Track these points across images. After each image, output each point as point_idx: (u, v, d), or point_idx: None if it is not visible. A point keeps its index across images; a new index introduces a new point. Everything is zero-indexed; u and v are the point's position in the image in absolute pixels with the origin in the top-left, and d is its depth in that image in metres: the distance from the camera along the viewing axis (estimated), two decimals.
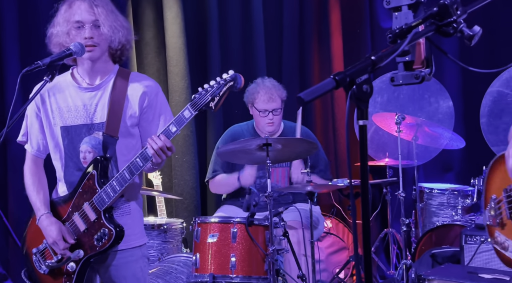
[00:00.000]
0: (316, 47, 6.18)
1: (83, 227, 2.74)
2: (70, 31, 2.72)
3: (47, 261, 2.81)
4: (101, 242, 2.70)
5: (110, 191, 2.67)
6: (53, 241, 2.73)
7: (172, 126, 2.59)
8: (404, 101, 5.67)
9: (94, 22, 2.71)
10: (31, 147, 2.91)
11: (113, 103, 2.77)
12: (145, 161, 2.62)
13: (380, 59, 1.52)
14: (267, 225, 3.74)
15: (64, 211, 2.81)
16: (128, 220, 2.81)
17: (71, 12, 2.72)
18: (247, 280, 3.69)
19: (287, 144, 3.87)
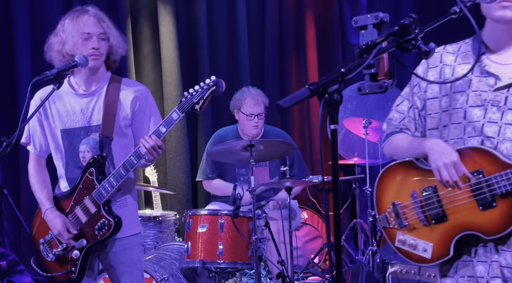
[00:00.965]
0: (294, 60, 6.20)
1: (84, 219, 2.73)
2: (77, 41, 2.68)
3: (54, 250, 2.80)
4: (102, 231, 2.70)
5: (108, 186, 2.66)
6: (58, 232, 2.72)
7: (162, 127, 2.59)
8: (370, 108, 5.71)
9: (101, 35, 2.71)
10: (34, 147, 2.89)
11: (107, 107, 2.76)
12: (138, 158, 2.61)
13: (349, 71, 1.53)
14: (251, 217, 3.74)
15: (66, 205, 2.79)
16: (125, 211, 2.80)
17: (79, 25, 2.69)
18: (233, 265, 3.71)
19: (268, 145, 3.88)
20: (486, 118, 1.95)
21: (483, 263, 1.97)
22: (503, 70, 1.96)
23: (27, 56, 4.94)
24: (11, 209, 4.54)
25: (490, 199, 1.90)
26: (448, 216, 1.99)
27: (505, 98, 1.94)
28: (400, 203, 2.11)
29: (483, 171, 1.91)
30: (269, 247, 4.31)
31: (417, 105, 2.14)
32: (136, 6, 5.60)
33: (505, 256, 1.94)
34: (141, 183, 4.86)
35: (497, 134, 1.94)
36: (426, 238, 2.05)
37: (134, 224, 2.89)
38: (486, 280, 1.96)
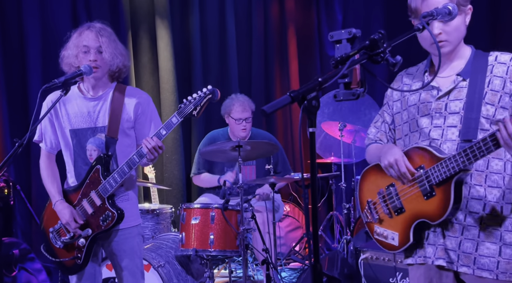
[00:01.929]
0: (277, 69, 6.22)
1: (90, 210, 2.73)
2: (78, 54, 2.71)
3: (62, 238, 2.79)
4: (106, 222, 2.70)
5: (112, 182, 2.66)
6: (66, 222, 2.72)
7: (162, 130, 2.60)
8: (345, 113, 5.73)
9: (98, 48, 2.71)
10: (45, 145, 2.89)
11: (113, 111, 2.77)
12: (140, 157, 2.62)
13: (325, 80, 1.54)
14: (239, 210, 3.74)
15: (74, 197, 2.79)
16: (127, 205, 2.80)
17: (80, 39, 2.72)
18: (223, 253, 3.69)
19: (254, 146, 3.88)
20: (433, 125, 2.04)
21: (432, 245, 2.04)
22: (442, 82, 2.06)
23: (37, 66, 4.92)
24: (23, 203, 4.52)
25: (429, 189, 1.97)
26: (404, 207, 2.07)
27: (445, 105, 2.02)
28: (371, 200, 2.21)
29: (424, 166, 1.99)
30: (255, 236, 4.31)
31: (387, 120, 2.26)
32: (136, 21, 5.59)
33: (450, 241, 1.99)
34: (141, 179, 4.85)
35: (441, 136, 2.02)
36: (393, 228, 2.12)
37: (135, 217, 2.89)
38: (432, 260, 2.02)
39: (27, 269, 4.14)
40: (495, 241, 1.94)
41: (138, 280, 2.87)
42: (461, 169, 1.87)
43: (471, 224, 1.97)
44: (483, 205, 1.96)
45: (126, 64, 2.86)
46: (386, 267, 3.54)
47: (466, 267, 1.96)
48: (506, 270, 1.92)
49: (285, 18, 6.19)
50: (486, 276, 1.93)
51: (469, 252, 1.96)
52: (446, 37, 1.96)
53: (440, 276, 2.04)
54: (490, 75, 1.97)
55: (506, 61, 1.98)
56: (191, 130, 5.73)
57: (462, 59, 2.05)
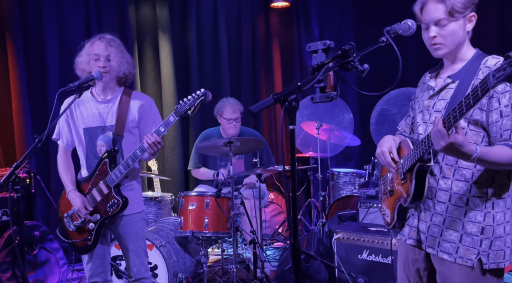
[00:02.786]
0: (264, 77, 6.21)
1: (99, 198, 2.72)
2: (90, 61, 2.71)
3: (75, 222, 2.78)
4: (112, 208, 2.69)
5: (118, 173, 2.65)
6: (78, 208, 2.72)
7: (161, 127, 2.59)
8: (321, 114, 5.73)
9: (107, 57, 2.71)
10: (62, 142, 2.88)
11: (120, 112, 2.76)
12: (142, 151, 2.61)
13: (304, 84, 1.53)
14: (230, 197, 3.74)
15: (86, 187, 2.78)
16: (132, 194, 2.79)
17: (92, 48, 2.72)
18: (216, 234, 3.70)
19: (243, 142, 3.88)
20: (423, 120, 2.02)
21: (409, 226, 2.05)
22: (437, 82, 2.02)
23: (55, 71, 4.89)
24: (43, 191, 4.49)
25: (402, 175, 1.97)
26: (393, 190, 2.08)
27: (433, 104, 1.99)
28: (381, 181, 2.26)
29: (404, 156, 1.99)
30: (244, 220, 4.32)
31: (411, 115, 2.23)
32: (141, 34, 5.57)
33: (422, 224, 2.00)
34: (145, 171, 4.82)
35: (424, 131, 2.00)
36: (388, 207, 2.15)
37: (139, 204, 2.87)
38: (405, 239, 2.04)
39: (46, 248, 4.12)
40: (458, 229, 1.89)
41: (142, 258, 2.86)
42: (419, 158, 1.83)
43: (438, 212, 1.93)
44: (449, 196, 1.90)
45: (131, 71, 2.85)
46: (355, 245, 3.55)
47: (431, 249, 1.95)
48: (464, 255, 1.87)
49: (270, 33, 6.19)
50: (446, 258, 1.90)
51: (435, 236, 1.94)
52: (441, 40, 1.89)
53: (414, 253, 2.05)
54: (475, 79, 1.84)
55: (491, 65, 1.85)
56: (189, 129, 5.71)
57: (462, 62, 1.94)
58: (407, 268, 2.05)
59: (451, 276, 1.89)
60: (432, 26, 1.88)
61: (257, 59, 6.12)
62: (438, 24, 1.87)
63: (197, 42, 5.71)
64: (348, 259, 3.56)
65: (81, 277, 4.35)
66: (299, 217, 5.50)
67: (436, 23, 1.87)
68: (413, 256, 2.04)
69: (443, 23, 1.86)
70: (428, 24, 1.89)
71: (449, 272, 1.90)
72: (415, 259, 2.03)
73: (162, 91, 5.56)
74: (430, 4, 1.87)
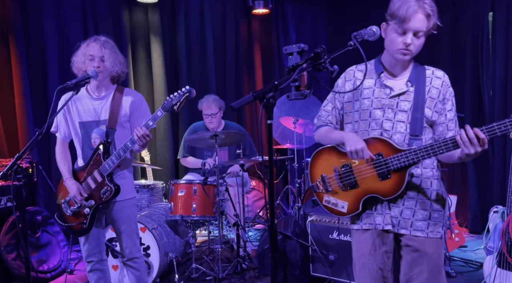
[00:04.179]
0: (246, 76, 6.18)
1: (93, 185, 2.69)
2: (85, 61, 2.68)
3: (71, 207, 2.75)
4: (105, 195, 2.66)
5: (111, 163, 2.62)
6: (74, 195, 2.69)
7: (150, 121, 2.55)
8: (297, 110, 5.74)
9: (101, 57, 2.67)
10: (60, 134, 2.84)
11: (113, 108, 2.72)
12: (132, 143, 2.57)
13: (280, 83, 1.53)
14: (215, 184, 3.73)
15: (81, 175, 2.74)
16: (124, 182, 2.76)
17: (87, 49, 2.68)
18: (203, 218, 3.69)
19: (227, 135, 3.86)
20: (385, 117, 1.99)
21: (380, 215, 2.03)
22: (395, 84, 2.02)
23: (55, 70, 4.83)
24: (44, 179, 4.45)
25: (386, 173, 1.94)
26: (358, 184, 2.02)
27: (396, 103, 1.98)
28: (326, 175, 2.12)
29: (382, 154, 1.95)
30: (228, 205, 4.32)
31: (338, 106, 2.16)
32: (135, 37, 5.51)
33: (394, 210, 2.01)
34: (138, 161, 4.79)
35: (392, 128, 1.98)
36: (344, 199, 2.08)
37: (130, 191, 2.84)
38: (382, 226, 2.02)
39: (48, 231, 4.09)
40: (427, 208, 1.99)
41: (134, 240, 2.85)
42: (419, 160, 1.86)
43: (410, 197, 1.98)
44: (420, 181, 1.99)
45: (124, 70, 2.81)
46: (327, 226, 3.57)
47: (405, 229, 1.99)
48: (434, 229, 1.99)
49: (252, 36, 6.16)
50: (420, 235, 1.98)
51: (408, 218, 1.98)
52: (412, 48, 1.90)
53: (382, 237, 2.04)
54: (429, 86, 1.96)
55: (440, 76, 1.99)
56: (178, 123, 5.68)
57: (409, 68, 2.01)
58: (375, 252, 2.04)
59: (424, 249, 1.97)
60: (411, 34, 1.87)
61: (240, 60, 6.09)
62: (416, 35, 1.87)
63: (186, 44, 5.66)
64: (320, 238, 3.59)
65: (80, 257, 4.32)
66: (277, 202, 5.52)
67: (415, 34, 1.87)
68: (380, 240, 2.03)
69: (420, 35, 1.88)
70: (407, 31, 1.86)
71: (422, 246, 1.97)
72: (382, 242, 2.03)
73: (153, 89, 5.52)
74: (420, 15, 1.84)
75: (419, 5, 1.83)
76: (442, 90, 1.97)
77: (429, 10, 1.85)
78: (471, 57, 5.01)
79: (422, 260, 1.97)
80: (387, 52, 1.99)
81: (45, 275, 3.90)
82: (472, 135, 1.70)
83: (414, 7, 1.83)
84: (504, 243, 3.18)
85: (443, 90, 1.97)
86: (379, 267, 2.04)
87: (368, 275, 2.05)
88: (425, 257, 1.97)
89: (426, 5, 1.85)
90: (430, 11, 1.85)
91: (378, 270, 2.04)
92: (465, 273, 3.82)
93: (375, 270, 2.04)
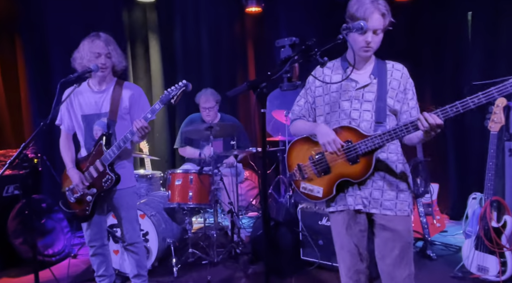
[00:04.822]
0: (240, 70, 6.13)
1: (95, 174, 2.68)
2: (91, 58, 2.66)
3: (74, 195, 2.75)
4: (106, 183, 2.66)
5: (111, 153, 2.62)
6: (76, 184, 2.70)
7: (148, 114, 2.54)
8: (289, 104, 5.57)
9: (106, 54, 2.67)
10: (64, 127, 2.84)
11: (113, 100, 2.72)
12: (132, 134, 2.57)
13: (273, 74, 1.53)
14: (211, 174, 3.73)
15: (84, 165, 2.74)
16: (124, 171, 2.76)
17: (93, 46, 2.67)
18: (199, 205, 3.69)
19: (222, 127, 3.86)
20: (352, 107, 2.05)
21: (351, 196, 2.08)
22: (360, 78, 2.08)
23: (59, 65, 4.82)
24: (48, 169, 4.44)
25: (355, 158, 2.00)
26: (331, 170, 2.07)
27: (362, 94, 2.05)
28: (302, 163, 2.17)
29: (351, 141, 2.00)
30: (223, 193, 4.32)
31: (310, 101, 2.21)
32: (134, 34, 5.49)
33: (364, 191, 2.06)
34: (137, 152, 4.78)
35: (359, 117, 2.04)
36: (319, 184, 2.12)
37: (130, 180, 2.85)
38: (353, 206, 2.07)
39: (52, 218, 4.11)
40: (394, 189, 2.05)
41: (134, 226, 2.86)
42: (384, 143, 1.93)
43: (378, 178, 2.04)
44: (386, 165, 2.05)
45: (124, 64, 2.83)
46: (316, 213, 3.59)
47: (375, 209, 2.05)
48: (401, 208, 2.04)
49: (245, 34, 6.14)
50: (389, 214, 2.04)
51: (377, 198, 2.04)
52: (373, 45, 1.98)
53: (355, 218, 2.09)
54: (390, 78, 2.04)
55: (400, 69, 2.07)
56: (175, 116, 5.67)
57: (372, 63, 2.09)
58: (350, 230, 2.09)
59: (394, 226, 2.02)
60: (370, 33, 1.94)
61: (234, 56, 6.06)
62: (375, 33, 1.95)
63: (182, 41, 5.64)
64: (310, 225, 3.61)
65: (82, 243, 4.32)
66: (269, 191, 5.53)
67: (374, 31, 1.94)
68: (354, 220, 2.09)
69: (378, 32, 1.96)
70: (367, 30, 1.92)
71: (392, 224, 2.03)
72: (356, 221, 2.09)
73: (151, 83, 5.52)
74: (376, 14, 1.92)
75: (374, 6, 1.91)
76: (402, 81, 2.05)
77: (384, 10, 1.93)
78: (451, 55, 5.03)
79: (394, 237, 2.03)
80: (351, 50, 2.05)
81: (50, 259, 3.92)
82: (432, 121, 1.77)
83: (370, 8, 1.90)
84: (481, 227, 3.22)
85: (403, 81, 2.05)
86: (355, 244, 2.10)
87: (347, 252, 2.11)
88: (397, 234, 2.02)
89: (381, 5, 1.93)
90: (385, 10, 1.93)
91: (354, 247, 2.10)
92: (445, 256, 3.87)
93: (352, 247, 2.10)
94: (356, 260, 2.11)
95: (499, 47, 4.53)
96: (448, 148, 5.11)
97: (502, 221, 3.16)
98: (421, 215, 4.00)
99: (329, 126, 2.05)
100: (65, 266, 3.76)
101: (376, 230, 2.08)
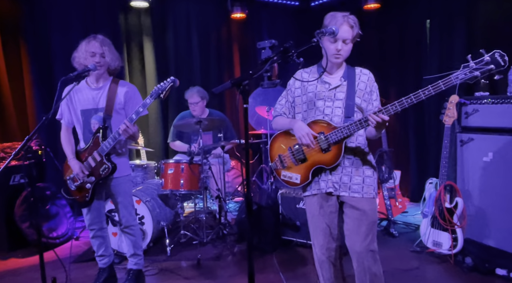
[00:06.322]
0: (227, 72, 6.11)
1: (93, 164, 2.64)
2: (87, 57, 2.61)
3: (75, 183, 2.71)
4: (104, 172, 2.62)
5: (107, 144, 2.58)
6: (76, 173, 2.65)
7: (140, 108, 2.49)
8: (270, 100, 5.70)
9: (101, 54, 2.62)
10: (64, 121, 2.79)
11: (109, 97, 2.67)
12: (119, 135, 2.54)
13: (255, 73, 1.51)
14: (200, 164, 3.70)
15: (83, 156, 2.69)
16: (120, 161, 2.73)
17: (89, 46, 2.62)
18: (189, 192, 3.66)
19: (210, 121, 3.82)
20: (325, 105, 2.10)
21: (324, 181, 2.11)
22: (332, 80, 2.15)
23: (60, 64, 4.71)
24: (52, 160, 4.36)
25: (327, 146, 2.04)
26: (307, 158, 2.11)
27: (334, 94, 2.11)
28: (282, 154, 2.20)
29: (323, 132, 2.04)
30: (211, 181, 4.29)
31: (290, 100, 2.26)
32: (130, 37, 5.36)
33: (334, 176, 2.10)
34: (133, 144, 4.70)
35: (331, 113, 2.09)
36: (297, 172, 2.15)
37: (126, 169, 2.80)
38: (325, 190, 2.10)
39: (56, 204, 4.05)
40: (360, 175, 2.10)
41: (130, 210, 2.82)
42: (351, 133, 1.99)
43: (347, 165, 2.10)
44: (354, 154, 2.10)
45: (119, 64, 2.77)
46: (294, 198, 3.60)
47: (344, 192, 2.09)
48: (367, 191, 2.09)
49: (231, 37, 6.09)
50: (357, 196, 2.08)
51: (346, 182, 2.09)
52: (343, 53, 2.06)
53: (327, 200, 2.13)
54: (358, 80, 2.11)
55: (367, 74, 2.14)
56: (168, 111, 5.61)
57: (343, 68, 2.16)
58: (323, 211, 2.12)
59: (361, 207, 2.07)
60: (340, 42, 2.02)
61: (221, 58, 6.02)
62: (344, 42, 2.03)
63: (174, 44, 5.57)
64: (289, 208, 3.62)
65: (83, 226, 4.25)
66: (253, 178, 5.52)
67: (344, 41, 2.03)
68: (326, 203, 2.12)
69: (347, 42, 2.04)
70: (337, 39, 2.01)
71: (360, 204, 2.07)
72: (328, 204, 2.12)
73: (146, 82, 5.43)
74: (345, 26, 2.01)
75: (344, 19, 2.01)
76: (368, 84, 2.12)
77: (352, 23, 2.02)
78: (413, 57, 5.07)
79: (361, 216, 2.06)
80: (325, 57, 2.11)
81: (54, 241, 3.86)
82: (377, 118, 1.85)
83: (341, 20, 2.01)
84: (436, 208, 3.28)
85: (369, 84, 2.12)
86: (327, 224, 2.13)
87: (320, 231, 2.14)
88: (364, 213, 2.06)
89: (350, 19, 2.02)
90: (353, 23, 2.02)
91: (326, 227, 2.13)
92: (405, 234, 3.92)
93: (324, 227, 2.13)
94: (329, 239, 2.14)
95: (453, 49, 4.58)
96: (409, 139, 5.18)
97: (454, 202, 3.22)
98: (385, 198, 4.06)
99: (306, 122, 2.10)
100: (68, 248, 3.73)
101: (346, 210, 2.12)
